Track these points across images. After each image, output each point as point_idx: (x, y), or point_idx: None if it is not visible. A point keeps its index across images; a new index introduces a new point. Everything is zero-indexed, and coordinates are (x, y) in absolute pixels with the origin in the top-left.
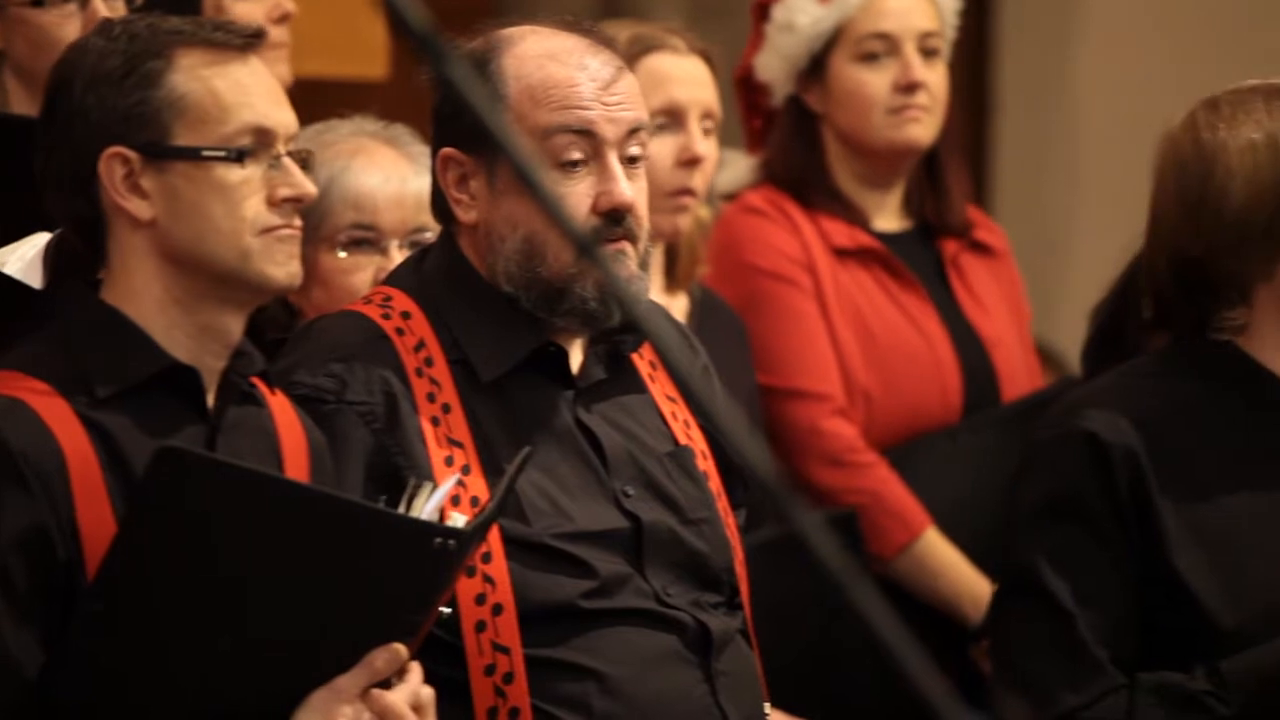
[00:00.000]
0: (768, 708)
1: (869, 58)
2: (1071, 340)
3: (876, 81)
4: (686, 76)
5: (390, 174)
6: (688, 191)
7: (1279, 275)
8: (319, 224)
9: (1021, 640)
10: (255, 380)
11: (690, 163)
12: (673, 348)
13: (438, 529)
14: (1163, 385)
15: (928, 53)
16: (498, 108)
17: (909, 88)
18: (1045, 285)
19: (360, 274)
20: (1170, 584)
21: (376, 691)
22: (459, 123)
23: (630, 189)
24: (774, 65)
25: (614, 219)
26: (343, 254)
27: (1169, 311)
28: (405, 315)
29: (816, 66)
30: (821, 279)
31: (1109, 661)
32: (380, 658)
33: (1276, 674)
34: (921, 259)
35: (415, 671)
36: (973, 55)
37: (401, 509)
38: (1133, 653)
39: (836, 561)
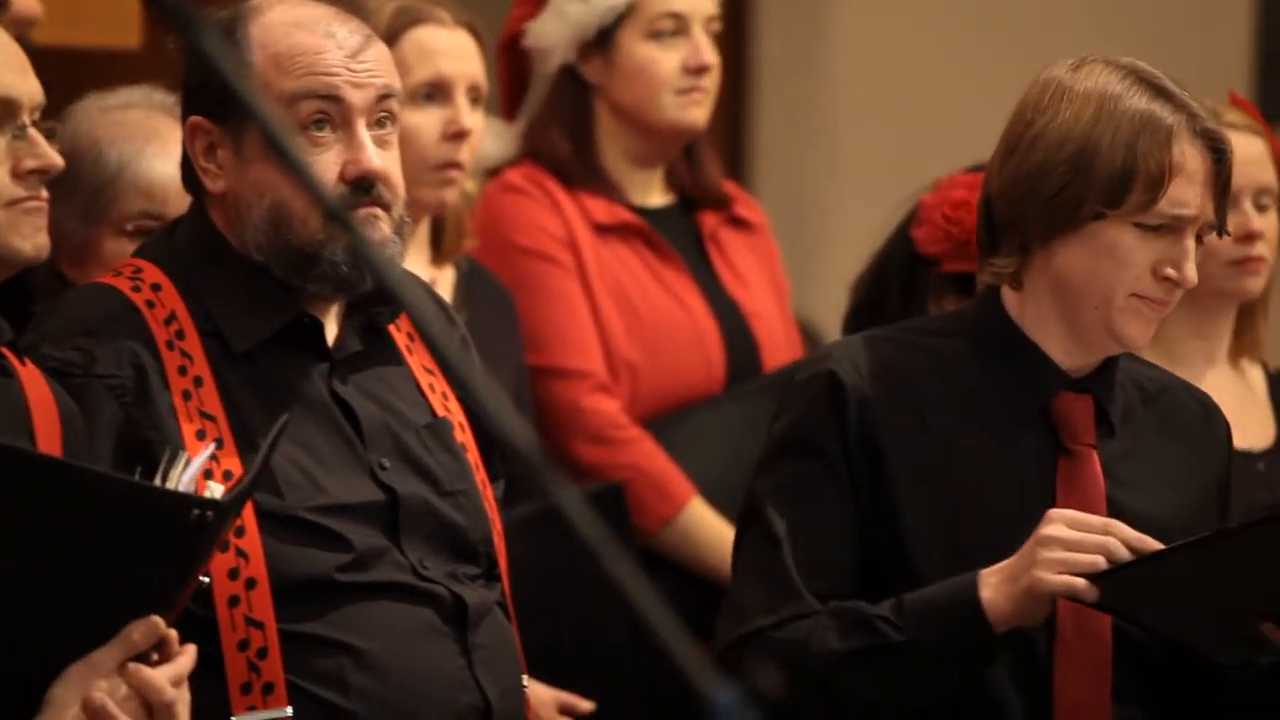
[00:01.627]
0: (526, 680)
1: (660, 35)
2: (832, 312)
3: (667, 61)
4: (453, 49)
5: None
6: (454, 165)
7: (1052, 246)
8: (107, 207)
9: (739, 567)
10: (4, 351)
11: (457, 136)
12: (429, 318)
13: (195, 500)
14: (930, 341)
15: (711, 35)
16: (244, 75)
17: (699, 70)
18: (805, 258)
19: None
20: (889, 530)
21: (134, 665)
22: (207, 91)
23: (380, 157)
24: (555, 32)
25: (363, 187)
26: (129, 241)
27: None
28: (155, 287)
29: (603, 38)
30: (583, 256)
31: (808, 591)
32: (137, 630)
33: (945, 605)
34: (682, 234)
35: (188, 654)
36: (731, 30)
37: (156, 482)
38: (847, 590)
39: (593, 534)
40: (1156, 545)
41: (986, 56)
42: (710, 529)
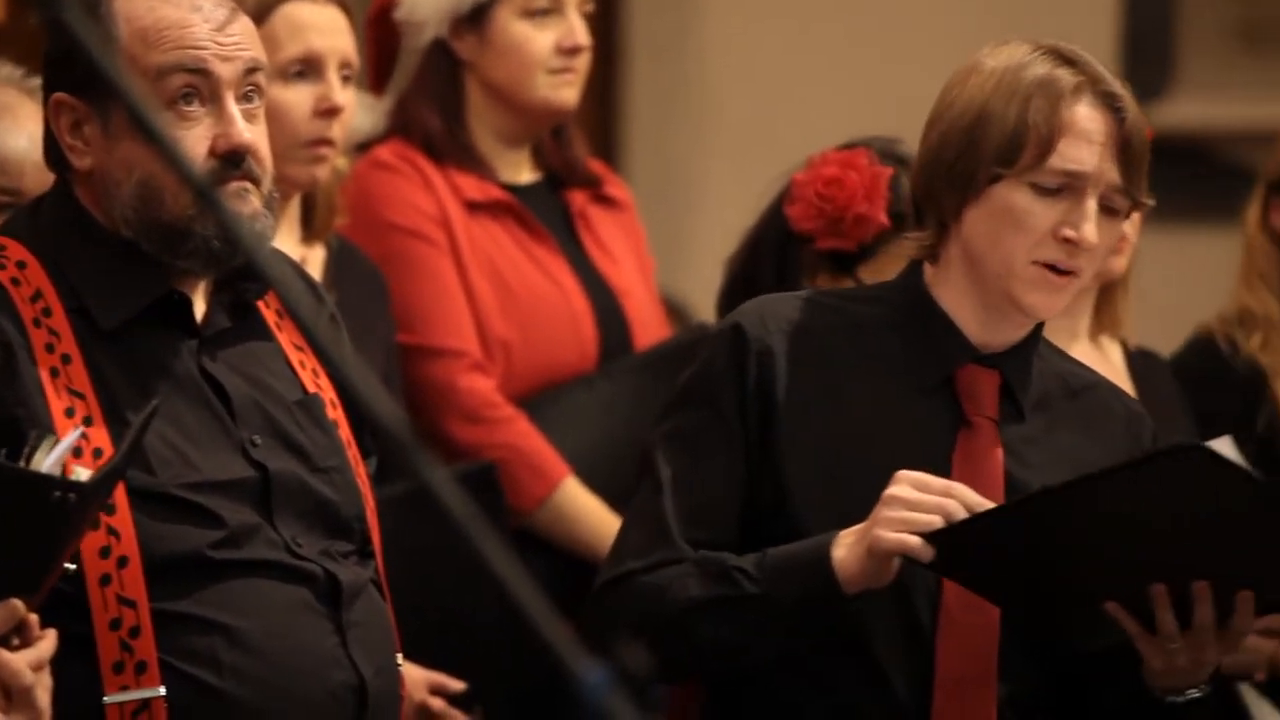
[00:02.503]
0: (400, 658)
1: (534, 14)
2: (703, 290)
3: (541, 40)
4: (324, 25)
5: (36, 134)
6: (325, 141)
7: (963, 216)
8: None
9: (629, 513)
10: None
11: (328, 112)
12: (296, 294)
13: (57, 482)
14: (844, 305)
15: (585, 15)
16: (110, 50)
17: (572, 50)
18: (676, 237)
19: None
20: (776, 484)
21: None
22: (71, 67)
23: (249, 131)
24: (429, 6)
25: (233, 161)
26: None
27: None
28: (20, 265)
29: (477, 15)
30: (455, 233)
31: (689, 540)
32: None
33: (800, 562)
34: (551, 211)
35: (49, 638)
36: (603, 9)
37: (22, 463)
38: (729, 540)
39: (463, 513)
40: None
41: (855, 36)
42: (584, 508)
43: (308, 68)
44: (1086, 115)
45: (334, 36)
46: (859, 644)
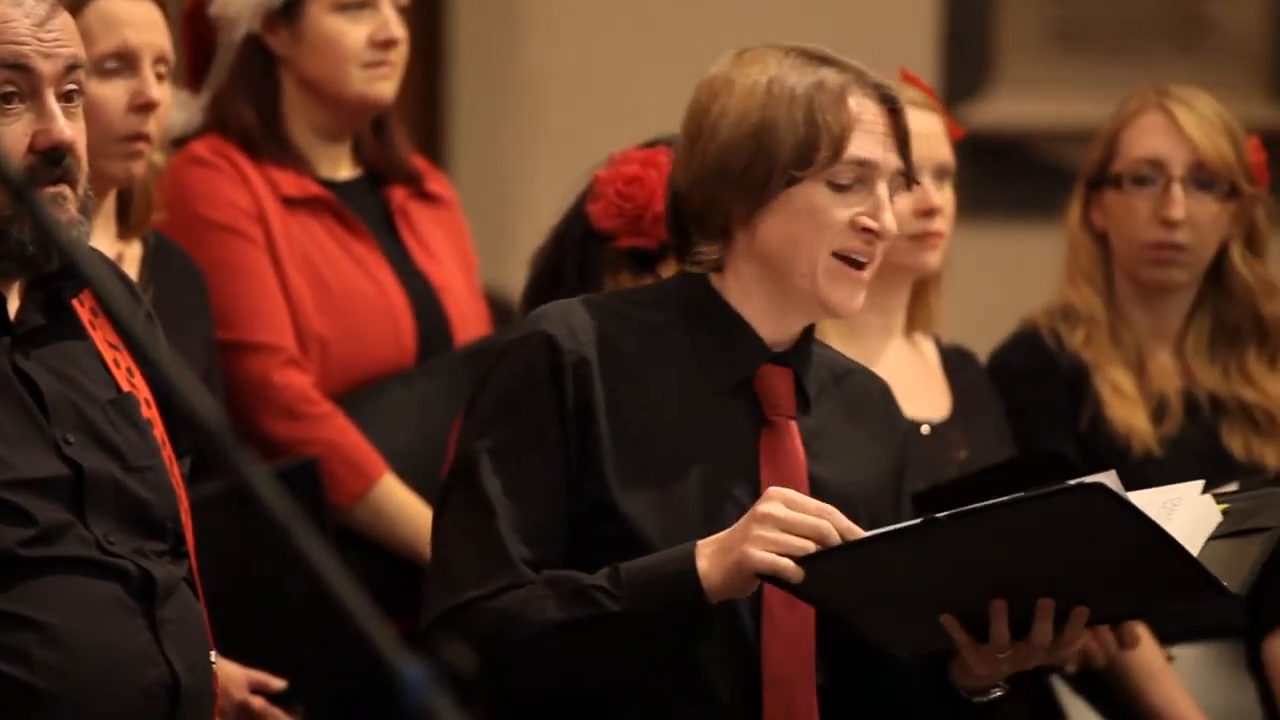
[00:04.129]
0: (215, 656)
1: (347, 8)
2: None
3: (354, 34)
4: (139, 20)
5: None
6: (141, 137)
7: (753, 222)
8: None
9: (448, 531)
10: None
11: (144, 108)
12: (113, 294)
13: None
14: (638, 311)
15: (400, 9)
16: None
17: (386, 43)
18: (501, 233)
19: None
20: (601, 491)
21: None
22: None
23: (70, 127)
24: (241, 1)
25: (52, 158)
26: None
27: (672, 239)
28: None
29: (289, 9)
30: (272, 229)
31: (522, 560)
32: None
33: (663, 576)
34: (370, 207)
35: None
36: (425, 3)
37: None
38: (557, 556)
39: (282, 510)
40: (863, 534)
41: (682, 34)
42: (403, 504)
43: (122, 63)
44: (865, 108)
45: (149, 31)
46: (681, 648)
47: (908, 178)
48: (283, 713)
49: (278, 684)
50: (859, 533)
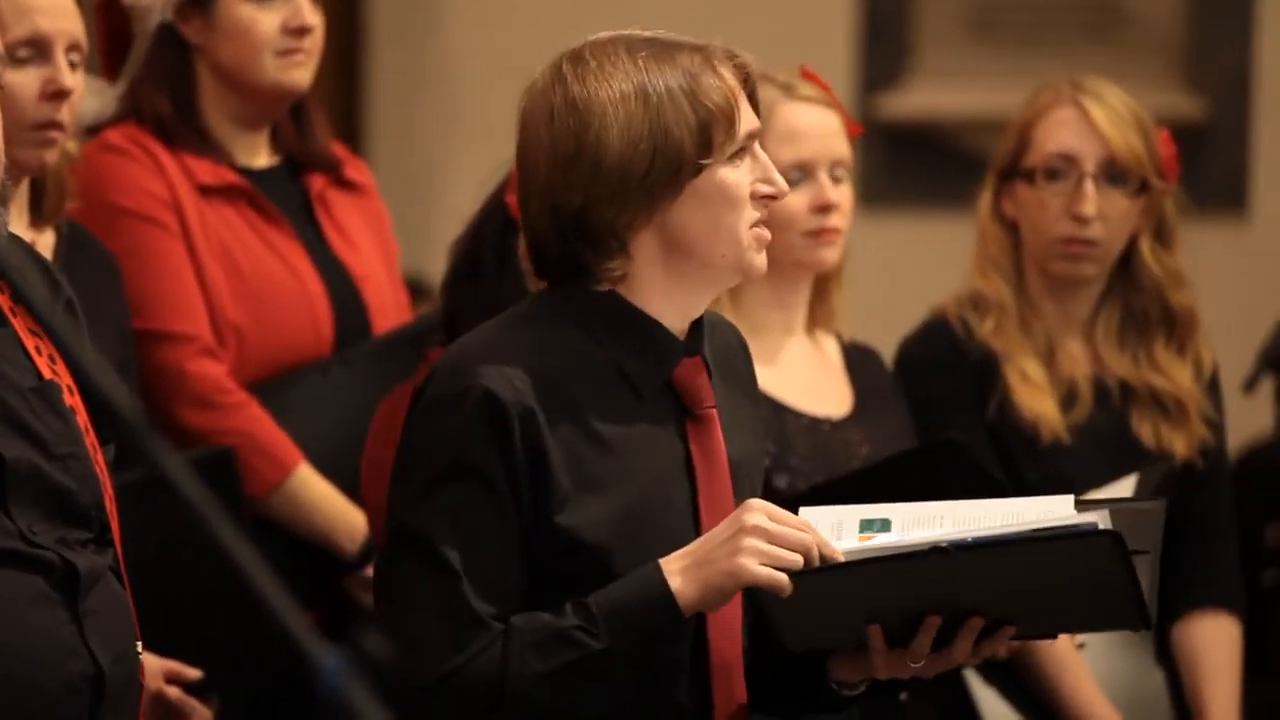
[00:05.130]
0: (140, 647)
1: None
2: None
3: (267, 21)
4: (50, 6)
5: None
6: (54, 125)
7: (656, 220)
8: None
9: (408, 599)
10: None
11: (56, 95)
12: (32, 282)
13: None
14: (551, 336)
15: None
16: None
17: (299, 31)
18: (421, 221)
19: None
20: (565, 534)
21: None
22: None
23: None
24: None
25: None
26: None
27: (549, 262)
28: None
29: None
30: (187, 218)
31: (492, 618)
32: None
33: (637, 603)
34: (288, 195)
35: None
36: None
37: None
38: (521, 605)
39: (200, 500)
40: (838, 554)
41: (599, 21)
42: (318, 494)
43: (35, 51)
44: (730, 78)
45: (61, 19)
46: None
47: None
48: (198, 702)
49: (193, 674)
50: (830, 548)
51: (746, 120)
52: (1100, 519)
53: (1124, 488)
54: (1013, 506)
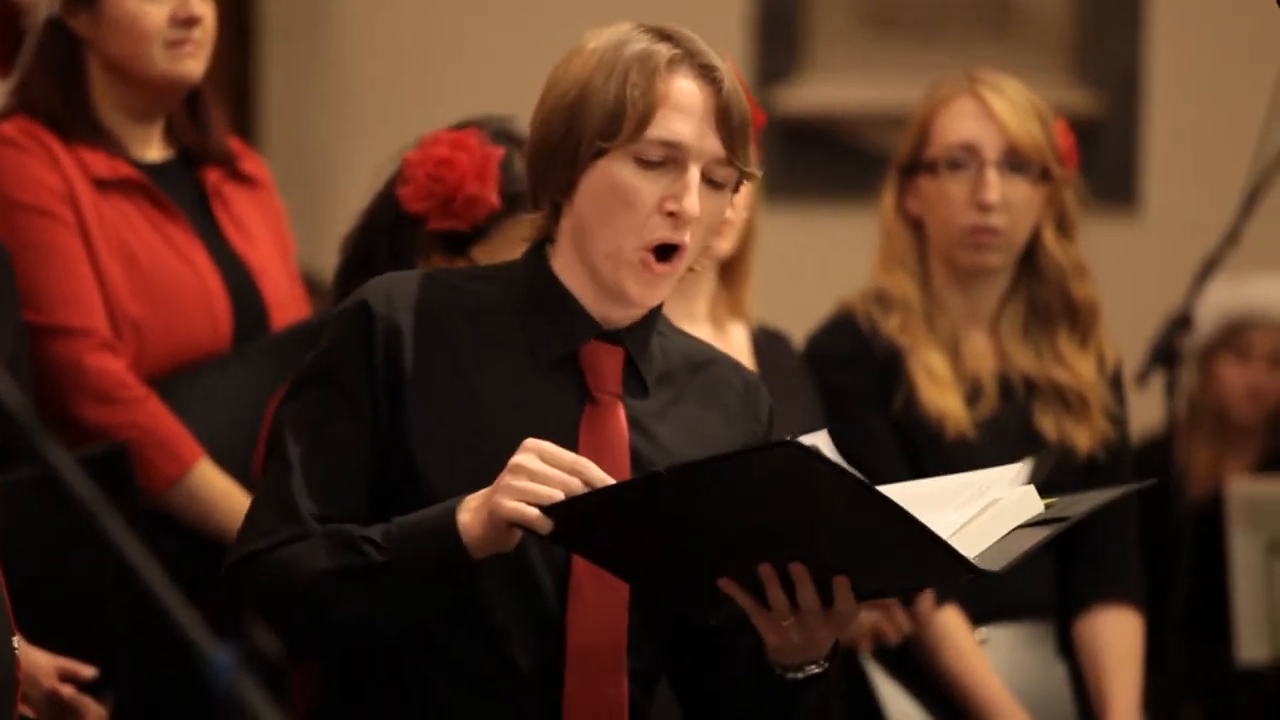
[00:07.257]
0: (18, 643)
1: None
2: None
3: (155, 13)
4: None
5: None
6: None
7: (576, 197)
8: None
9: (257, 492)
10: None
11: None
12: None
13: None
14: (468, 285)
15: None
16: None
17: (187, 21)
18: (315, 215)
19: None
20: (406, 459)
21: None
22: None
23: None
24: None
25: None
26: None
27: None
28: None
29: None
30: (84, 211)
31: (311, 515)
32: None
33: (428, 528)
34: (184, 189)
35: None
36: None
37: None
38: (359, 514)
39: (87, 496)
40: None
41: (493, 14)
42: (217, 490)
43: None
44: (683, 87)
45: None
46: (482, 616)
47: (735, 167)
48: (93, 700)
49: (87, 672)
50: (608, 482)
51: (669, 130)
52: (821, 441)
53: (1017, 474)
54: (966, 479)
